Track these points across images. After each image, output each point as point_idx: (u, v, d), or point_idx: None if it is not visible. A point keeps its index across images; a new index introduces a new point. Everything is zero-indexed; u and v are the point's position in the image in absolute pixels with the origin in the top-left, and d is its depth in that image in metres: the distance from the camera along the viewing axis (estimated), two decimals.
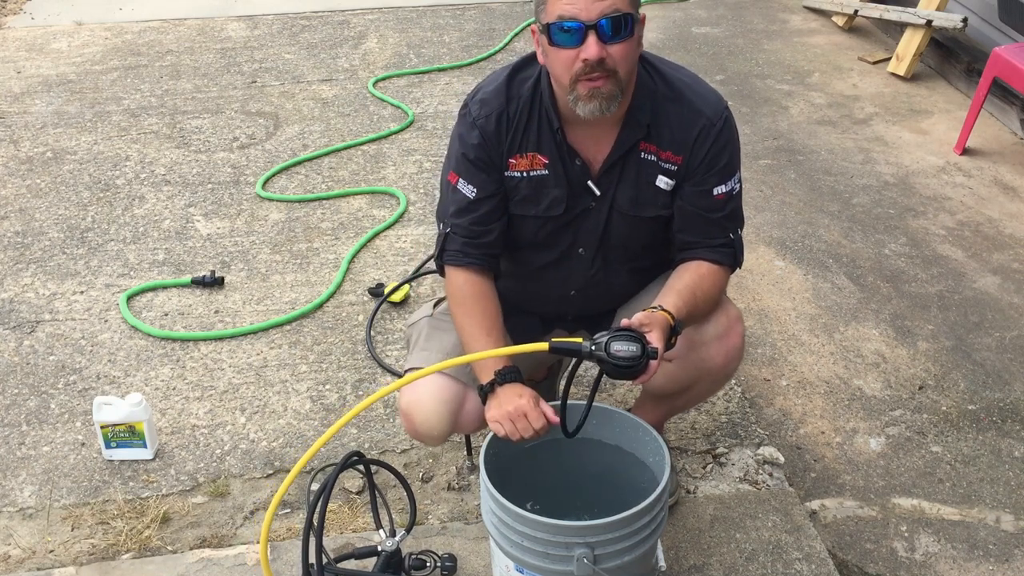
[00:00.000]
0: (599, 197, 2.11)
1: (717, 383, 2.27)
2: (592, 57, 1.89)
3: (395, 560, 2.09)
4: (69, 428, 2.75)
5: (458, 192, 2.12)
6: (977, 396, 2.91)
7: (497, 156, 2.10)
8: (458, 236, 2.13)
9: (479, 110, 2.09)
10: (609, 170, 2.09)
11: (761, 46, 5.53)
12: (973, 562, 2.38)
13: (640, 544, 1.85)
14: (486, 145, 2.08)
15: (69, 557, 2.34)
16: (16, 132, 4.50)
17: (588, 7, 1.87)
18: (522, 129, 2.08)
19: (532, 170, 2.10)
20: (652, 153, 2.08)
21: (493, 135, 2.08)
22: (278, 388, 2.89)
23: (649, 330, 1.87)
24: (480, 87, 2.14)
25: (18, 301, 3.30)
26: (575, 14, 1.87)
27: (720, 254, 2.12)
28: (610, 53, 1.90)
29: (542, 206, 2.12)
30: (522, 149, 2.09)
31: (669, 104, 2.06)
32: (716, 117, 2.06)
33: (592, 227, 2.15)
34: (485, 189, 2.11)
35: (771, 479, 2.53)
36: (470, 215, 2.12)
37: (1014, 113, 4.48)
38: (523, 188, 2.12)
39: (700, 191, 2.09)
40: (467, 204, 2.11)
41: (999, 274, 3.48)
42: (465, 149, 2.10)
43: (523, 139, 2.08)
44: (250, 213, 3.83)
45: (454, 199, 2.13)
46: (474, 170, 2.10)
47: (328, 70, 5.16)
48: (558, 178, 2.09)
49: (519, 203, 2.13)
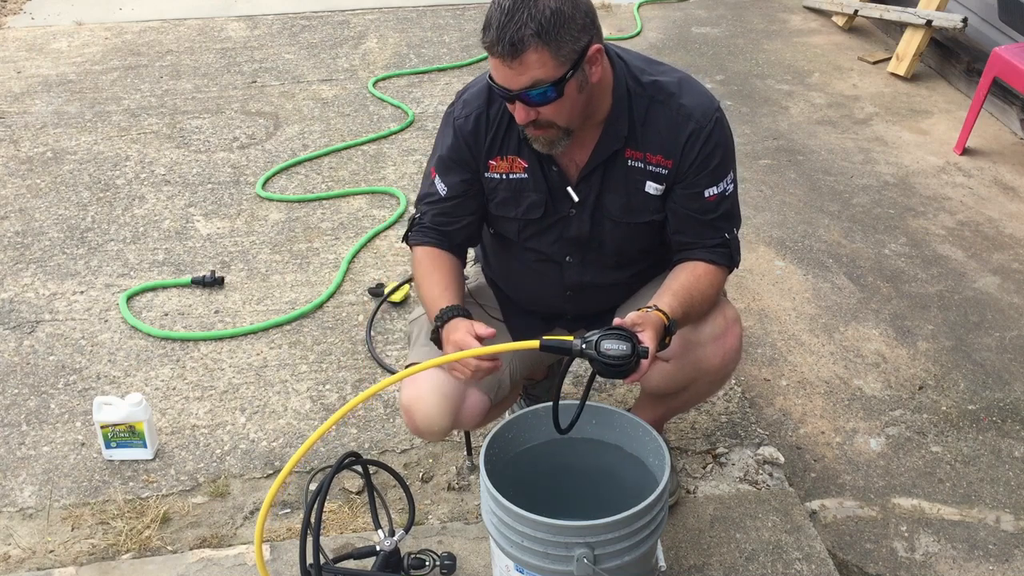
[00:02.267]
0: (578, 204, 2.11)
1: (715, 384, 2.27)
2: (521, 121, 1.95)
3: (394, 559, 2.09)
4: (69, 428, 2.75)
5: (433, 186, 2.19)
6: (977, 396, 2.91)
7: (473, 157, 2.12)
8: (424, 221, 2.21)
9: (461, 110, 2.12)
10: (587, 177, 2.09)
11: (761, 46, 5.53)
12: (973, 562, 2.38)
13: (640, 544, 1.85)
14: (461, 146, 2.11)
15: (69, 557, 2.34)
16: (16, 132, 4.50)
17: (509, 81, 1.90)
18: (503, 131, 2.09)
19: (512, 173, 2.11)
20: (639, 160, 2.08)
21: (471, 135, 2.10)
22: (278, 388, 2.89)
23: (642, 329, 1.87)
24: (467, 87, 2.16)
25: (18, 301, 3.31)
26: (501, 83, 1.91)
27: (716, 254, 2.12)
28: (541, 113, 1.93)
29: (521, 208, 2.14)
30: (503, 151, 2.10)
31: (658, 107, 2.05)
32: (705, 119, 2.05)
33: (575, 233, 2.15)
34: (455, 190, 2.16)
35: (771, 479, 2.53)
36: (438, 208, 2.19)
37: (1014, 113, 4.48)
38: (502, 190, 2.13)
39: (691, 193, 2.09)
40: (437, 199, 2.18)
41: (999, 274, 3.48)
42: (443, 148, 2.16)
43: (504, 141, 2.10)
44: (250, 213, 3.83)
45: (428, 191, 2.20)
46: (447, 169, 2.16)
47: (328, 70, 5.16)
48: (537, 183, 2.11)
49: (499, 204, 2.16)
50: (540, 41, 1.83)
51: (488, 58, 1.92)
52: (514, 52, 1.84)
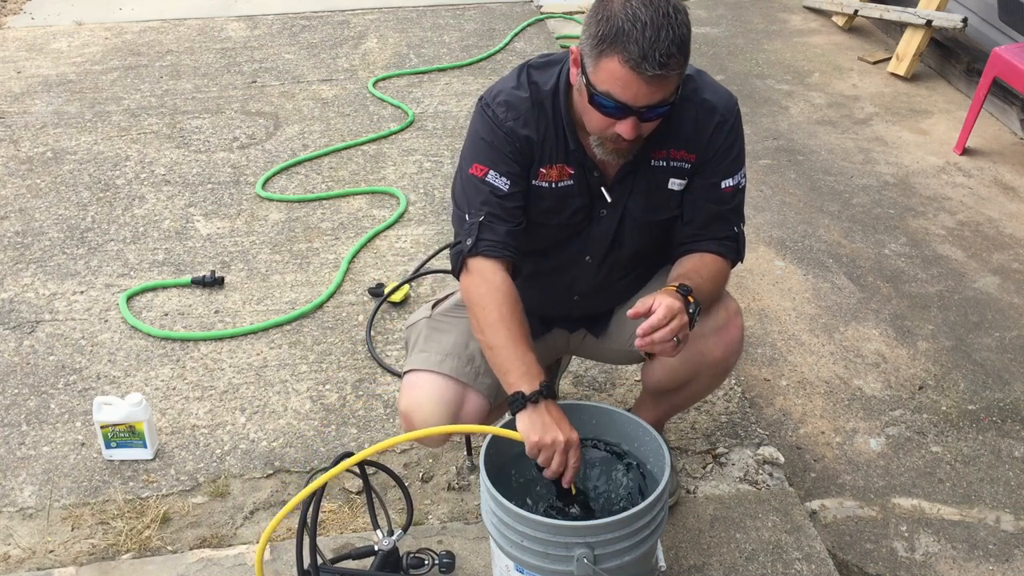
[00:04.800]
0: (610, 205, 2.11)
1: (717, 377, 2.27)
2: (629, 137, 1.88)
3: (392, 559, 2.09)
4: (69, 428, 2.75)
5: (487, 183, 2.03)
6: (977, 396, 2.91)
7: (527, 159, 2.05)
8: (497, 223, 2.01)
9: (505, 113, 2.03)
10: (623, 179, 2.09)
11: (761, 46, 5.53)
12: (973, 562, 2.38)
13: (640, 544, 1.85)
14: (516, 145, 2.03)
15: (69, 557, 2.34)
16: (16, 132, 4.50)
17: (642, 97, 1.82)
18: (552, 140, 2.05)
19: (560, 181, 2.08)
20: (663, 159, 2.08)
21: (524, 141, 2.03)
22: (278, 388, 2.89)
23: (657, 306, 1.84)
24: (499, 90, 2.07)
25: (18, 301, 3.30)
26: (625, 100, 1.83)
27: (723, 247, 2.13)
28: (644, 129, 1.91)
29: (565, 215, 2.11)
30: (552, 160, 2.07)
31: (682, 103, 2.04)
32: (729, 112, 2.08)
33: (601, 235, 2.15)
34: (517, 184, 2.04)
35: (771, 479, 2.53)
36: (501, 207, 2.03)
37: (1014, 113, 4.48)
38: (548, 198, 2.09)
39: (709, 184, 2.10)
40: (500, 195, 2.03)
41: (999, 274, 3.48)
42: (489, 146, 2.03)
43: (553, 150, 2.06)
44: (250, 213, 3.83)
45: (482, 188, 2.03)
46: (506, 163, 2.03)
47: (328, 70, 5.16)
48: (581, 188, 2.09)
49: (542, 212, 2.11)
50: (683, 59, 1.82)
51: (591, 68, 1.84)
52: (663, 70, 1.78)
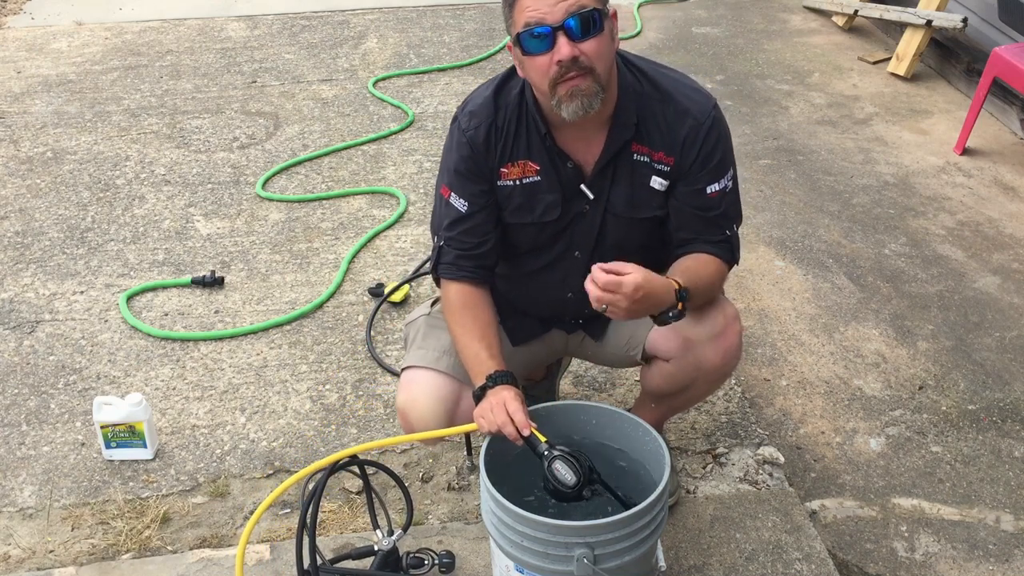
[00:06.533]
0: (592, 200, 2.11)
1: (715, 383, 2.27)
2: (565, 57, 1.88)
3: (392, 559, 2.09)
4: (69, 428, 2.75)
5: (450, 206, 2.13)
6: (977, 396, 2.91)
7: (487, 167, 2.10)
8: (451, 249, 2.14)
9: (468, 122, 2.09)
10: (602, 172, 2.09)
11: (761, 46, 5.53)
12: (973, 562, 2.38)
13: (640, 544, 1.85)
14: (476, 157, 2.09)
15: (69, 557, 2.34)
16: (16, 132, 4.50)
17: (552, 9, 1.86)
18: (512, 137, 2.08)
19: (524, 177, 2.10)
20: (645, 155, 2.08)
21: (482, 146, 2.08)
22: (278, 388, 2.89)
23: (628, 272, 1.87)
24: (469, 99, 2.14)
25: (18, 301, 3.31)
26: (540, 18, 1.87)
27: (718, 248, 2.13)
28: (583, 51, 1.89)
29: (537, 212, 2.13)
30: (513, 157, 2.09)
31: (656, 105, 2.06)
32: (703, 116, 2.06)
33: (587, 230, 2.15)
34: (476, 203, 2.11)
35: (771, 479, 2.53)
36: (462, 227, 2.13)
37: (1014, 113, 4.48)
38: (516, 196, 2.12)
39: (693, 190, 2.09)
40: (459, 217, 2.12)
41: (999, 274, 3.48)
42: (455, 162, 2.11)
43: (513, 147, 2.09)
44: (250, 213, 3.83)
45: (446, 213, 2.14)
46: (465, 183, 2.11)
47: (328, 70, 5.16)
48: (551, 183, 2.10)
49: (514, 212, 2.14)
50: None
51: (510, 25, 1.91)
52: None
